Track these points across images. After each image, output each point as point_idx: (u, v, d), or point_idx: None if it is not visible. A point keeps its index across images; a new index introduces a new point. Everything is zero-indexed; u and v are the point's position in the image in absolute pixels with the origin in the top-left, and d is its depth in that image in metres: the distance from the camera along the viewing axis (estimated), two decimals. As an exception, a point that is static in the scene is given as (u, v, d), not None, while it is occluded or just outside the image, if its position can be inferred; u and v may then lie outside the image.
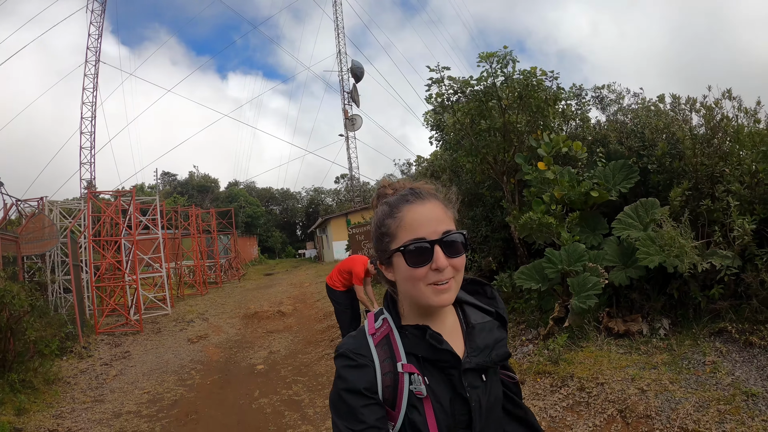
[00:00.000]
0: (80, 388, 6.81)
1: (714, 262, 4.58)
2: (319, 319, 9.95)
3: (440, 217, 1.10)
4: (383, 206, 1.16)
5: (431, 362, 1.12)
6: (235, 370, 7.16)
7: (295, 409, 5.25)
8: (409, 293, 1.12)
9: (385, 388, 1.09)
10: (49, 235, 10.88)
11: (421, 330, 1.12)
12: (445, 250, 1.07)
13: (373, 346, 1.13)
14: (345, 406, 1.06)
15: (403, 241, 1.08)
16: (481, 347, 1.16)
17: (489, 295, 1.31)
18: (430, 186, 1.18)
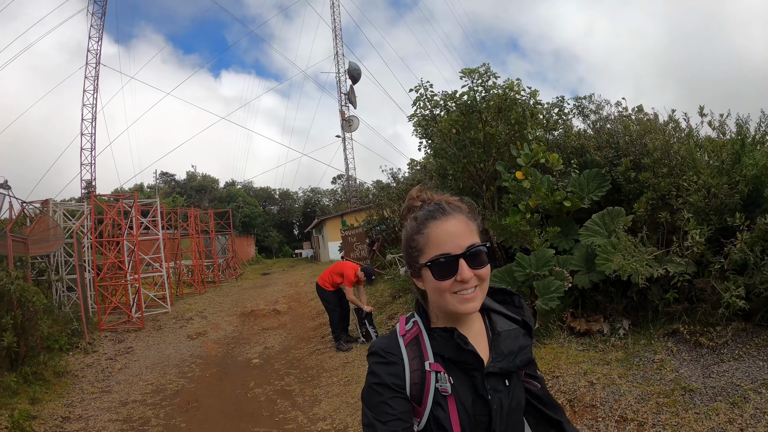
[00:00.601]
0: (88, 380, 7.28)
1: (669, 268, 5.06)
2: (312, 317, 10.46)
3: (463, 232, 1.18)
4: (411, 222, 1.24)
5: (456, 363, 1.20)
6: (232, 363, 7.67)
7: (287, 397, 5.76)
8: (437, 302, 1.20)
9: (413, 385, 1.16)
10: (54, 236, 11.37)
11: (449, 332, 1.20)
12: (470, 263, 1.14)
13: (403, 346, 1.21)
14: (375, 399, 1.14)
15: (430, 256, 1.16)
16: (505, 353, 1.23)
17: (516, 304, 1.38)
18: (455, 199, 1.26)
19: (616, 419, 3.92)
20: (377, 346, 1.22)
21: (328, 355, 7.27)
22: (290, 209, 54.43)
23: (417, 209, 1.24)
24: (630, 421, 3.86)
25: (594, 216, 6.14)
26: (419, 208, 1.24)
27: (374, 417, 1.12)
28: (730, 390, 3.88)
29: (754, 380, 3.89)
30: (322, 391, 5.81)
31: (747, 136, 6.02)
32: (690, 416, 3.71)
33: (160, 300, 13.17)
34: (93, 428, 5.41)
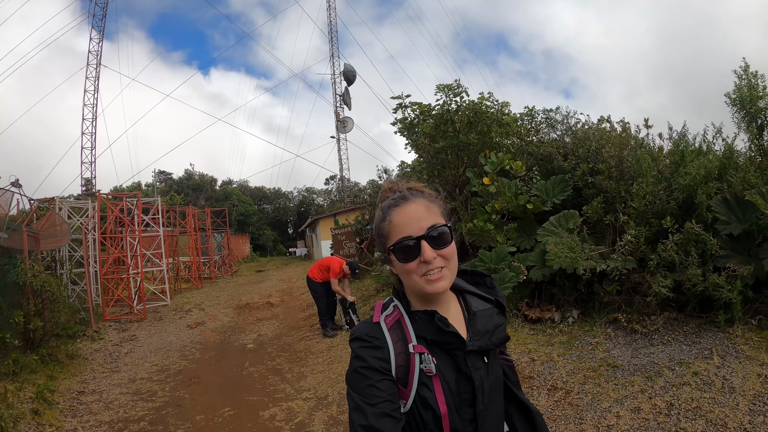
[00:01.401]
0: (97, 362, 8.05)
1: (609, 264, 5.89)
2: (302, 309, 11.27)
3: (424, 215, 1.20)
4: (378, 212, 1.28)
5: (438, 344, 1.22)
6: (229, 348, 8.47)
7: (277, 374, 6.58)
8: (407, 284, 1.25)
9: (398, 367, 1.18)
10: (61, 232, 12.11)
11: (430, 314, 1.22)
12: (432, 243, 1.17)
13: (386, 330, 1.23)
14: (361, 382, 1.16)
15: (394, 240, 1.20)
16: (482, 332, 1.26)
17: (489, 285, 1.42)
18: (419, 185, 1.30)
19: (548, 388, 4.74)
20: (360, 331, 1.24)
21: (315, 341, 8.10)
22: (285, 208, 55.05)
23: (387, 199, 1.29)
24: (559, 389, 4.67)
25: (551, 218, 6.96)
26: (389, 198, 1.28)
27: (362, 400, 1.14)
28: (648, 367, 4.69)
29: (672, 360, 4.70)
30: (308, 369, 6.64)
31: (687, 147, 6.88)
32: (610, 387, 4.52)
33: (160, 293, 13.93)
34: (106, 399, 6.19)
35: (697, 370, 4.38)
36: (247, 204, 46.72)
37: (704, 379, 4.21)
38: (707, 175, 6.05)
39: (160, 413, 5.52)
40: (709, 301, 5.27)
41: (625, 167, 6.89)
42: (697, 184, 5.89)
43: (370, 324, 1.26)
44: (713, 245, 5.36)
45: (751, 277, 5.08)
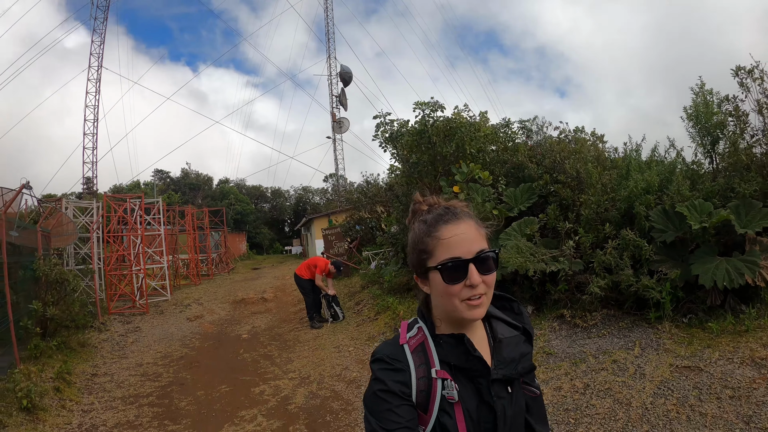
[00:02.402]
0: (106, 350, 8.90)
1: (559, 266, 6.75)
2: (294, 303, 12.15)
3: (474, 237, 1.18)
4: (420, 224, 1.23)
5: (461, 370, 1.19)
6: (225, 338, 9.35)
7: (268, 359, 7.47)
8: (444, 307, 1.20)
9: (419, 392, 1.15)
10: (68, 231, 12.95)
11: (457, 338, 1.20)
12: (479, 268, 1.14)
13: (409, 353, 1.19)
14: (380, 406, 1.13)
15: (441, 259, 1.15)
16: (507, 360, 1.24)
17: (516, 311, 1.37)
18: (463, 204, 1.26)
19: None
20: (382, 352, 1.21)
21: (303, 332, 8.98)
22: (282, 207, 55.76)
23: (424, 213, 1.25)
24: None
25: (513, 224, 7.81)
26: (427, 212, 1.24)
27: (379, 425, 1.11)
28: (577, 355, 5.56)
29: (599, 349, 5.56)
30: (296, 355, 7.53)
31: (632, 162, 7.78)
32: (540, 369, 5.38)
33: (161, 289, 14.78)
34: (117, 380, 7.05)
35: (617, 358, 5.24)
36: (244, 203, 47.41)
37: (620, 366, 5.08)
38: (648, 187, 6.93)
39: (166, 390, 6.39)
40: (644, 300, 6.12)
41: (581, 178, 7.76)
42: (636, 196, 6.76)
43: (393, 345, 1.23)
44: (648, 250, 6.22)
45: (681, 279, 5.90)
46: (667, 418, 4.19)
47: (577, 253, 6.81)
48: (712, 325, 5.45)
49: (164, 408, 5.75)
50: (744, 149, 7.15)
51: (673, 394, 4.42)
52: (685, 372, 4.78)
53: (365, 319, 8.84)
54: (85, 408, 5.98)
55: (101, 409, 5.92)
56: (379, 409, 1.13)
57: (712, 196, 6.59)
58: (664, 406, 4.32)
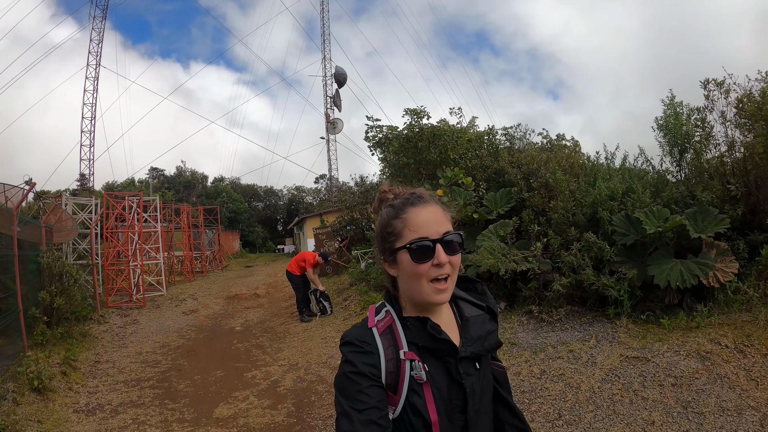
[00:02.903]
0: (106, 340, 9.40)
1: (529, 265, 7.32)
2: (285, 299, 12.71)
3: (440, 219, 1.23)
4: (388, 209, 1.28)
5: (430, 351, 1.23)
6: (220, 330, 9.89)
7: (260, 349, 8.03)
8: (411, 290, 1.24)
9: (388, 373, 1.19)
10: (68, 226, 13.43)
11: (422, 321, 1.24)
12: (445, 249, 1.19)
13: (378, 335, 1.23)
14: (350, 387, 1.16)
15: (408, 239, 1.20)
16: (474, 338, 1.28)
17: (480, 291, 1.43)
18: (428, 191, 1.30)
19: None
20: (351, 335, 1.24)
21: (293, 325, 9.53)
22: (275, 206, 56.11)
23: (391, 200, 1.30)
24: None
25: (490, 226, 8.39)
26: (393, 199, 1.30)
27: (350, 406, 1.14)
28: (538, 345, 6.13)
29: (559, 341, 6.13)
30: (285, 345, 8.09)
31: (599, 171, 8.38)
32: (503, 357, 5.95)
33: (157, 284, 15.26)
34: (119, 366, 7.57)
35: (573, 348, 5.83)
36: (238, 201, 47.77)
37: (575, 355, 5.66)
38: (612, 194, 7.54)
39: (165, 375, 6.93)
40: (605, 297, 6.71)
41: (552, 185, 8.35)
42: (600, 202, 7.37)
43: (362, 329, 1.26)
44: (609, 252, 6.82)
45: (638, 279, 6.49)
46: (612, 400, 4.76)
47: (546, 253, 7.39)
48: (665, 321, 6.02)
49: (164, 390, 6.29)
50: (707, 159, 7.79)
51: (619, 380, 5.01)
52: (633, 362, 5.37)
53: (352, 313, 9.40)
54: (91, 390, 6.51)
55: (105, 391, 6.44)
56: (349, 390, 1.16)
57: (673, 202, 7.20)
58: (609, 390, 4.90)
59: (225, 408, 5.48)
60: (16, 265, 7.29)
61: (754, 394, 4.53)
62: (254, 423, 4.99)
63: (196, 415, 5.33)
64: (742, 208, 6.70)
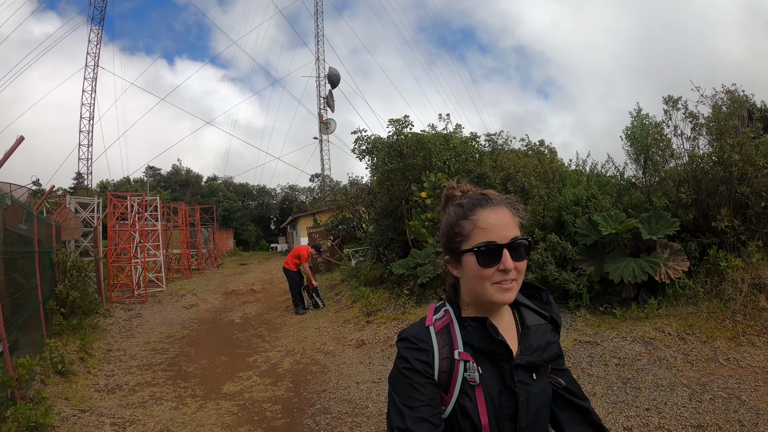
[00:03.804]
0: (115, 331, 10.14)
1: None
2: (280, 294, 13.49)
3: (510, 223, 1.20)
4: (456, 208, 1.27)
5: (485, 354, 1.22)
6: (220, 322, 10.66)
7: (259, 338, 8.83)
8: (475, 290, 1.22)
9: (441, 372, 1.18)
10: (73, 225, 14.14)
11: (480, 321, 1.22)
12: (512, 254, 1.17)
13: (434, 334, 1.23)
14: (404, 383, 1.16)
15: (476, 242, 1.18)
16: (533, 347, 1.27)
17: (545, 300, 1.41)
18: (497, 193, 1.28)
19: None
20: (408, 332, 1.24)
21: (288, 317, 10.33)
22: (268, 205, 56.72)
23: (459, 198, 1.29)
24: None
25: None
26: (461, 197, 1.29)
27: (402, 402, 1.14)
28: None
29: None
30: (282, 334, 8.89)
31: (567, 177, 9.23)
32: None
33: (156, 280, 15.99)
34: (130, 353, 8.32)
35: (532, 334, 6.67)
36: (232, 200, 48.36)
37: (535, 340, 6.50)
38: (576, 200, 8.38)
39: (174, 360, 7.71)
40: (568, 291, 7.54)
41: (525, 190, 9.20)
42: (565, 207, 8.21)
43: (419, 326, 1.26)
44: (571, 251, 7.66)
45: (597, 275, 7.34)
46: (563, 376, 5.58)
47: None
48: (617, 312, 6.86)
49: (175, 372, 7.07)
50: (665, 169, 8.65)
51: (569, 360, 5.84)
52: (585, 345, 6.21)
53: (343, 306, 10.20)
54: (108, 373, 7.27)
55: (121, 374, 7.20)
56: (403, 386, 1.16)
57: (632, 207, 8.06)
58: (559, 369, 5.73)
59: (231, 385, 6.27)
60: (37, 261, 8.02)
61: (688, 374, 5.36)
62: (258, 396, 5.80)
63: (207, 391, 6.12)
64: (693, 213, 7.55)
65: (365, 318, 8.74)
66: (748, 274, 6.84)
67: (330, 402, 5.46)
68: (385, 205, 11.22)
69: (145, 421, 5.26)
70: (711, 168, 7.56)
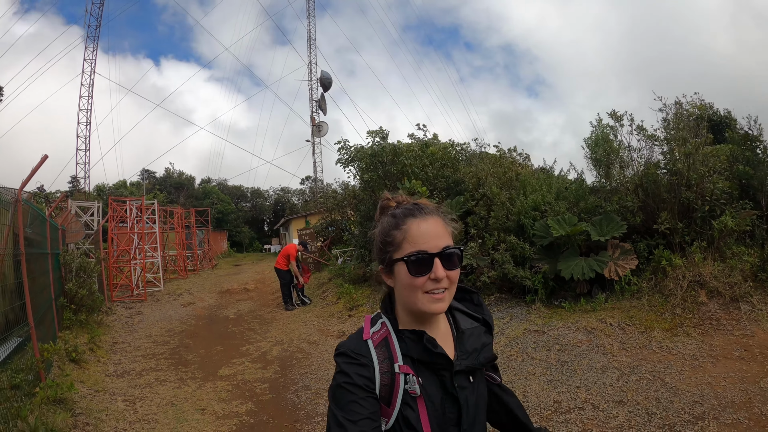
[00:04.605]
0: (118, 327, 11.00)
1: (468, 261, 9.08)
2: (272, 292, 14.41)
3: (441, 233, 1.22)
4: (388, 218, 1.28)
5: (425, 364, 1.23)
6: (216, 318, 11.58)
7: (251, 331, 9.76)
8: (407, 300, 1.24)
9: (382, 386, 1.20)
10: (75, 228, 14.95)
11: (418, 335, 1.23)
12: (444, 263, 1.19)
13: (373, 348, 1.24)
14: (345, 398, 1.17)
15: (407, 251, 1.20)
16: (469, 351, 1.29)
17: (476, 302, 1.44)
18: (431, 203, 1.29)
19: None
20: (347, 347, 1.25)
21: (279, 313, 11.26)
22: (261, 207, 57.35)
23: (393, 208, 1.30)
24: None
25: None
26: (395, 208, 1.30)
27: (344, 417, 1.14)
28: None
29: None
30: (272, 327, 9.82)
31: (529, 185, 10.18)
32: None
33: (154, 280, 16.84)
34: (134, 345, 9.21)
35: (489, 324, 7.63)
36: (225, 202, 48.92)
37: (490, 329, 7.46)
38: (536, 205, 9.32)
39: (175, 350, 8.61)
40: (525, 287, 8.47)
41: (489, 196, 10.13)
42: (524, 212, 9.15)
43: (357, 340, 1.27)
44: (529, 251, 8.61)
45: (551, 272, 8.28)
46: (508, 359, 6.51)
47: (483, 251, 9.17)
48: (566, 305, 7.79)
49: (176, 360, 7.98)
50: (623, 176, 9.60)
51: (517, 346, 6.78)
52: (533, 333, 7.15)
53: (329, 303, 11.14)
54: (115, 362, 8.15)
55: (128, 362, 8.09)
56: (344, 401, 1.17)
57: (588, 211, 9.02)
58: (508, 352, 6.66)
59: (227, 369, 7.19)
60: (50, 262, 8.89)
61: (621, 359, 6.23)
62: (249, 377, 6.73)
63: (205, 374, 7.04)
64: (641, 217, 8.50)
65: (348, 312, 9.68)
66: (690, 271, 7.72)
67: (311, 381, 6.41)
68: (368, 209, 12.12)
69: (152, 398, 6.17)
70: (659, 176, 8.51)
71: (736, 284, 7.22)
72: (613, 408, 4.95)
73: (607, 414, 4.84)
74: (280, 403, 5.80)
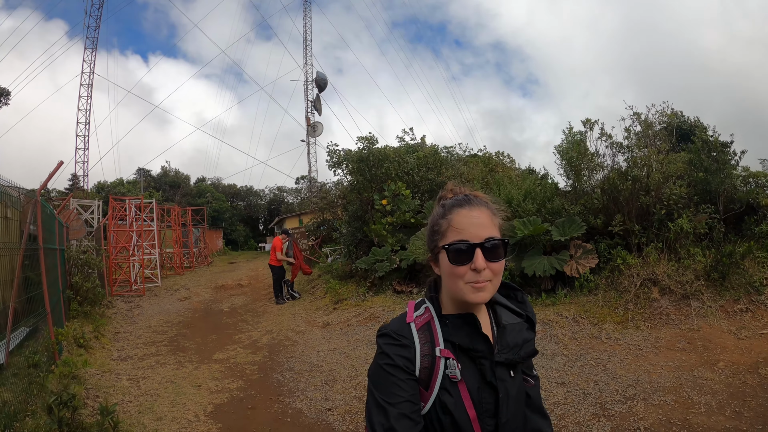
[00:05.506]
0: (119, 319, 11.74)
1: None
2: (265, 288, 15.18)
3: (485, 223, 1.23)
4: (439, 207, 1.32)
5: (465, 351, 1.24)
6: (211, 311, 12.35)
7: (244, 322, 10.55)
8: (450, 287, 1.26)
9: (422, 369, 1.20)
10: (76, 226, 15.67)
11: (463, 318, 1.25)
12: (486, 254, 1.19)
13: (415, 330, 1.25)
14: (384, 380, 1.18)
15: (449, 240, 1.22)
16: (511, 345, 1.28)
17: (520, 299, 1.44)
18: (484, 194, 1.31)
19: (384, 320, 8.69)
20: (389, 328, 1.26)
21: (270, 306, 12.05)
22: (256, 206, 58.00)
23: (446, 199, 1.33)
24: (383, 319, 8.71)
25: (422, 228, 10.94)
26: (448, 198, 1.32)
27: (383, 398, 1.15)
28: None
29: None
30: (264, 319, 10.61)
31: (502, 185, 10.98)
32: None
33: (152, 276, 17.59)
34: (136, 334, 9.97)
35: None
36: (221, 201, 49.56)
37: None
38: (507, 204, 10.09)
39: (173, 338, 9.38)
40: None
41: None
42: (495, 212, 9.96)
43: (400, 322, 1.28)
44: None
45: (517, 269, 9.06)
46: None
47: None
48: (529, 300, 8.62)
49: (174, 346, 8.75)
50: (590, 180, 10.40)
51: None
52: (498, 322, 7.94)
53: (316, 297, 11.93)
54: (119, 348, 8.92)
55: (130, 349, 8.86)
56: (383, 382, 1.18)
57: (553, 213, 9.81)
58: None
59: (220, 354, 7.99)
60: (58, 256, 9.64)
61: (570, 347, 6.96)
62: (241, 361, 7.53)
63: (201, 358, 7.83)
64: (602, 219, 9.29)
65: (333, 305, 10.48)
66: (644, 270, 8.48)
67: (295, 363, 7.20)
68: (356, 209, 12.90)
69: (154, 377, 6.95)
70: (618, 181, 9.29)
71: (687, 282, 7.94)
72: (555, 388, 5.62)
73: (547, 393, 5.48)
74: (266, 381, 6.59)
